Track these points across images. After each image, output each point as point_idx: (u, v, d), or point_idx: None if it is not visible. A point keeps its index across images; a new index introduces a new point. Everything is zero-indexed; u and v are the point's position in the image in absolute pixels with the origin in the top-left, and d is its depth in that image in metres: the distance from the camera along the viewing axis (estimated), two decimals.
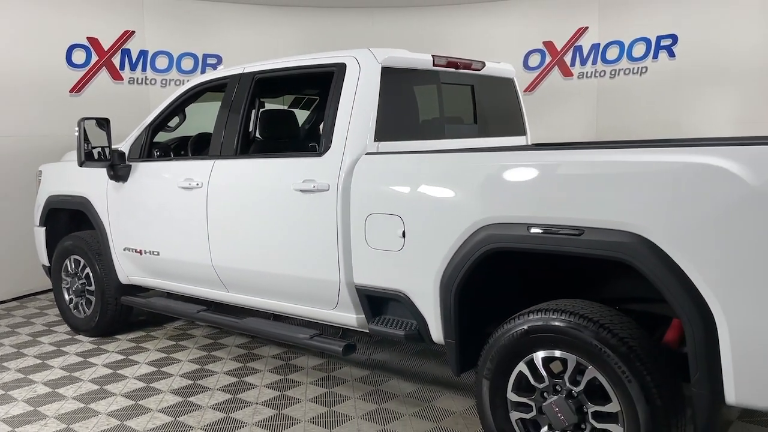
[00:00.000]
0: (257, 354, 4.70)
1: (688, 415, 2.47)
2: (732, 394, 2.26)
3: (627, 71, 7.26)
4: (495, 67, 4.29)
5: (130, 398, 3.95)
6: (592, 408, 2.56)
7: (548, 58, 7.76)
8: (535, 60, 7.85)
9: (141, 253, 4.60)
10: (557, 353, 2.64)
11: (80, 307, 5.21)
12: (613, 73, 7.38)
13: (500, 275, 3.01)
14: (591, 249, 2.51)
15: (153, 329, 5.37)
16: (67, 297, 5.30)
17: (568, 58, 7.66)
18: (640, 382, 2.41)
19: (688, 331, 2.31)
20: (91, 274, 5.05)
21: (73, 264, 5.18)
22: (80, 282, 5.14)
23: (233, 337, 5.09)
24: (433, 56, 3.74)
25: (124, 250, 4.74)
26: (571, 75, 7.66)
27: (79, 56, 6.82)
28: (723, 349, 2.25)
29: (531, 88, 7.87)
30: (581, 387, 2.58)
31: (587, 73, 7.56)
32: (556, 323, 2.61)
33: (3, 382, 4.29)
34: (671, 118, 6.87)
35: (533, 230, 2.66)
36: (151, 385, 4.16)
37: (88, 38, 6.87)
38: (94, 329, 5.13)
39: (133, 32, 7.20)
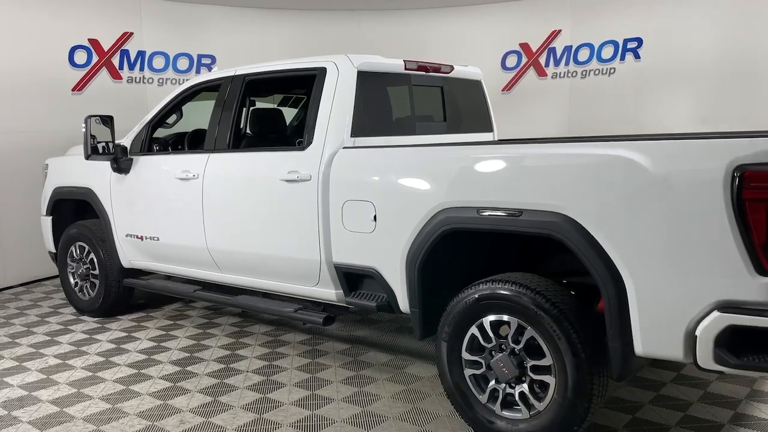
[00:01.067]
0: (249, 331, 5.15)
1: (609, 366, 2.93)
2: (639, 346, 2.73)
3: (597, 72, 7.74)
4: (463, 70, 4.74)
5: (133, 367, 4.40)
6: (530, 362, 3.03)
7: (524, 59, 8.23)
8: (512, 61, 8.31)
9: (142, 239, 5.04)
10: (502, 317, 3.09)
11: (85, 290, 5.64)
12: (584, 73, 7.85)
13: (459, 253, 3.47)
14: (528, 228, 2.97)
15: (152, 311, 5.82)
16: (72, 281, 5.73)
17: (542, 60, 8.12)
18: (568, 339, 2.87)
19: (604, 294, 2.78)
20: (95, 259, 5.48)
21: (78, 250, 5.62)
22: (85, 267, 5.58)
23: (227, 317, 5.54)
24: (404, 61, 4.19)
25: (126, 236, 5.17)
26: (546, 75, 8.12)
27: (80, 57, 7.24)
28: (631, 309, 2.71)
29: (508, 87, 8.34)
30: (521, 345, 3.04)
31: (560, 73, 8.03)
32: (501, 291, 3.07)
33: (16, 355, 4.72)
34: (637, 115, 7.35)
35: (482, 213, 3.12)
36: (152, 357, 4.61)
37: (89, 39, 7.28)
38: (98, 310, 5.57)
39: (132, 34, 7.62)
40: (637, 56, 7.41)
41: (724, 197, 2.46)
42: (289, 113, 5.80)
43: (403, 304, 3.57)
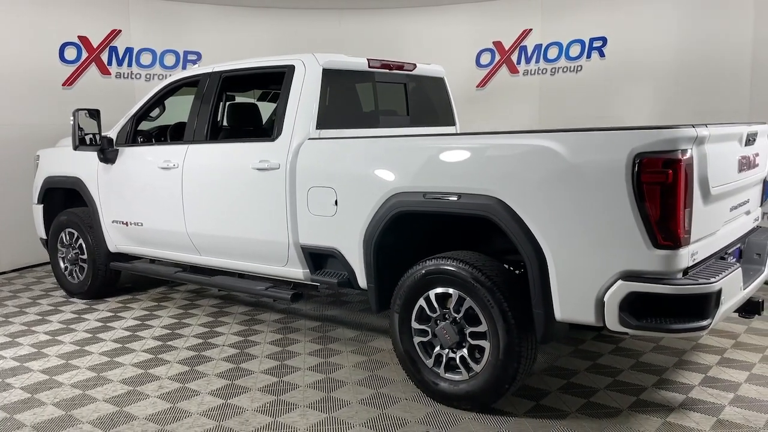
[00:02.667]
0: (227, 311, 5.51)
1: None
2: (559, 312, 3.10)
3: (565, 69, 8.10)
4: (426, 68, 5.09)
5: (118, 342, 4.76)
6: (469, 329, 3.40)
7: (497, 57, 8.58)
8: (486, 58, 8.66)
9: (127, 225, 5.39)
10: (446, 290, 3.46)
11: (74, 274, 5.99)
12: (553, 70, 8.21)
13: (411, 234, 3.84)
14: (465, 210, 3.34)
15: (138, 293, 6.17)
16: (62, 265, 6.08)
17: (515, 57, 8.48)
18: (500, 308, 3.24)
19: (528, 266, 3.15)
20: (83, 245, 5.83)
21: (67, 236, 5.96)
22: (74, 252, 5.92)
23: (208, 299, 5.90)
24: (368, 59, 4.55)
25: (113, 222, 5.52)
26: (518, 72, 8.48)
27: (70, 53, 7.56)
28: (552, 280, 3.09)
29: (483, 84, 8.70)
30: (461, 314, 3.41)
31: (531, 70, 8.39)
32: (445, 267, 3.44)
33: (10, 332, 5.07)
34: (602, 111, 7.71)
35: (427, 196, 3.49)
36: (136, 333, 4.96)
37: (78, 37, 7.60)
38: (86, 292, 5.92)
39: (120, 31, 7.94)
40: (602, 54, 7.77)
41: (626, 181, 2.84)
42: (268, 106, 6.13)
43: (362, 280, 3.93)
